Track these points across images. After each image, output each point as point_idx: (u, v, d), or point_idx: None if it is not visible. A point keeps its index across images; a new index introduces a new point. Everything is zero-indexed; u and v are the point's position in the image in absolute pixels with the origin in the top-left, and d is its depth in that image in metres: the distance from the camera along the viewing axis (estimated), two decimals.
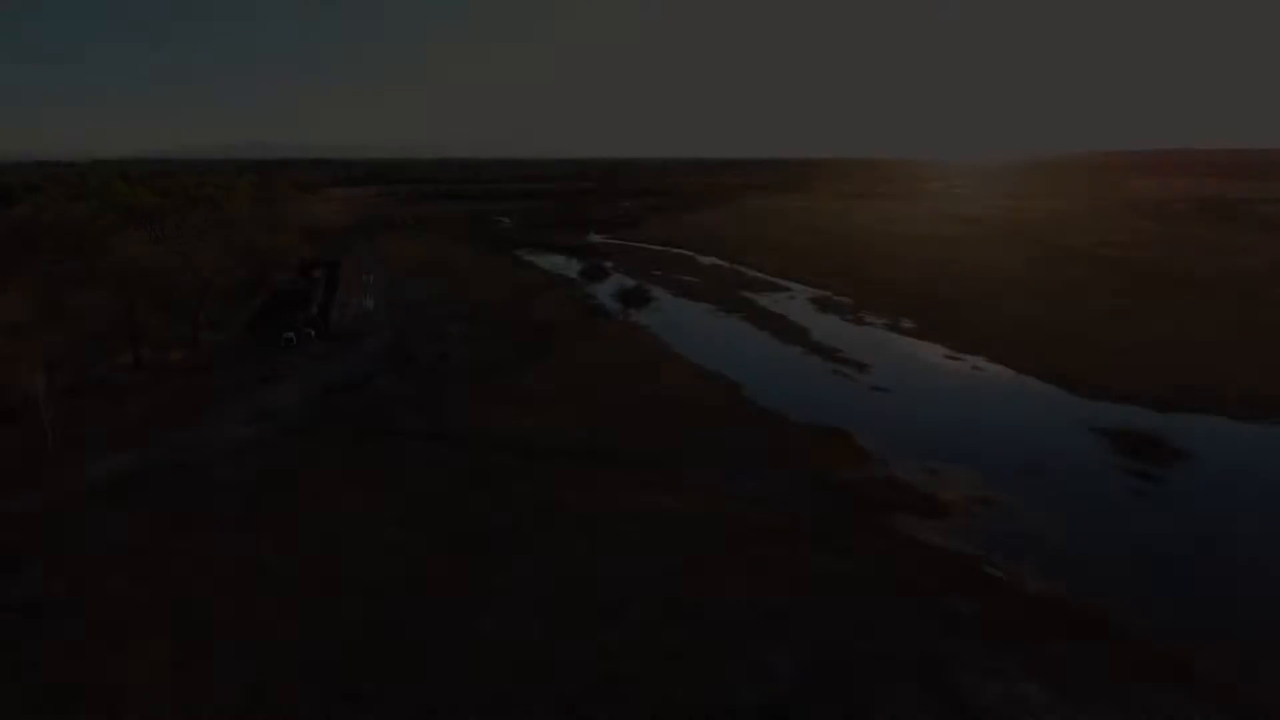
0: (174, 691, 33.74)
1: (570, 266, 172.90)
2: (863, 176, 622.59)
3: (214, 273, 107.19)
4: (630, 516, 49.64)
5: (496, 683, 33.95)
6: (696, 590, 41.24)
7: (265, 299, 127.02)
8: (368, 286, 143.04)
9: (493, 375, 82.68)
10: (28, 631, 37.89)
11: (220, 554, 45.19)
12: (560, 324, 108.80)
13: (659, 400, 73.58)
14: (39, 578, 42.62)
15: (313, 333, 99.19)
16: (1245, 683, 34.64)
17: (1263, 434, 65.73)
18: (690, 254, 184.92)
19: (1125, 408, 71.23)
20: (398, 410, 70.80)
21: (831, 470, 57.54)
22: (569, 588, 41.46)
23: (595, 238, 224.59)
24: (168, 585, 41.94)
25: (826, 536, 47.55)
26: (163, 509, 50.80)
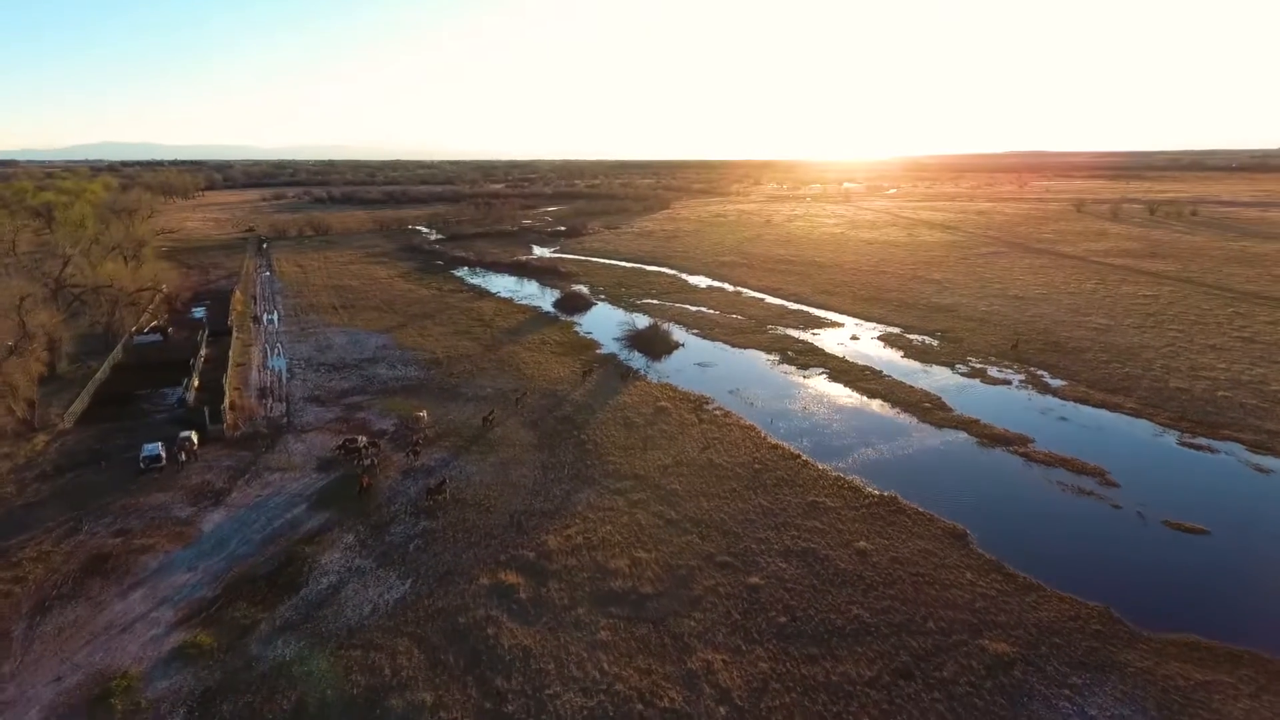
0: None
1: (530, 290, 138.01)
2: (770, 176, 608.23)
3: (22, 334, 66.63)
4: None
5: None
6: None
7: (114, 368, 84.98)
8: (273, 333, 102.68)
9: (537, 528, 47.63)
10: None
11: None
12: (583, 395, 74.21)
13: (879, 597, 41.09)
14: None
15: (193, 437, 60.04)
16: None
17: None
18: (672, 273, 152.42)
19: None
20: (391, 664, 35.00)
21: None
22: None
23: (542, 252, 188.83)
24: None
25: None
26: None
